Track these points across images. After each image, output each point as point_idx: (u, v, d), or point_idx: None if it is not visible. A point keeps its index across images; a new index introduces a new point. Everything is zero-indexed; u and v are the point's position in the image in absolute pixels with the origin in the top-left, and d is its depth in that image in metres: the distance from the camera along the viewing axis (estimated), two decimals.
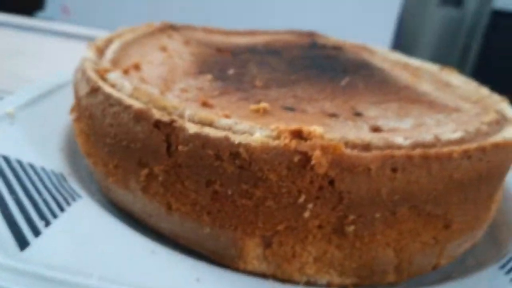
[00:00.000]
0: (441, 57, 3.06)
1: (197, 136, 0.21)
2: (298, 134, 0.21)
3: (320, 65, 0.38)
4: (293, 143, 0.20)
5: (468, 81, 0.39)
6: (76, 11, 1.72)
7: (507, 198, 0.33)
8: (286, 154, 0.20)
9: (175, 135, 0.22)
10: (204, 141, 0.21)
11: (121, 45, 0.37)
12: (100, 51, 0.35)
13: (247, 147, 0.21)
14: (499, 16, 2.82)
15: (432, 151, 0.21)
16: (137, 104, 0.23)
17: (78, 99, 0.30)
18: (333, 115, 0.26)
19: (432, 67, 0.44)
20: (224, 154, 0.21)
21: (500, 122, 0.27)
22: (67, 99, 0.38)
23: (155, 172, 0.23)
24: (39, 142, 0.33)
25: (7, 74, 0.58)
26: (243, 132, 0.22)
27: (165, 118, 0.22)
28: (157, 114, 0.22)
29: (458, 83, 0.38)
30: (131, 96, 0.25)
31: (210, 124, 0.22)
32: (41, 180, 0.28)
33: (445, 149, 0.22)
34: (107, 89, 0.26)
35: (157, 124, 0.22)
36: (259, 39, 0.51)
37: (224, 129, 0.22)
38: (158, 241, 0.24)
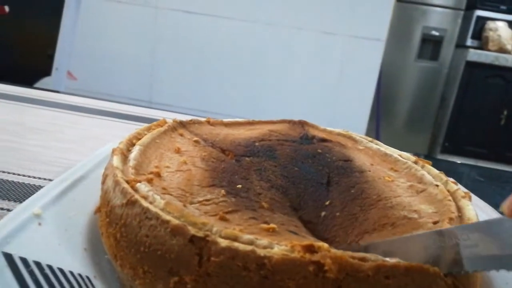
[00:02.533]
0: (421, 106, 3.24)
1: (228, 249, 0.26)
2: (309, 248, 0.25)
3: (309, 173, 0.45)
4: (308, 255, 0.25)
5: (439, 176, 0.45)
6: (80, 75, 1.80)
7: None
8: (302, 264, 0.25)
9: (207, 248, 0.26)
10: (233, 254, 0.26)
11: (140, 149, 0.42)
12: (124, 156, 0.41)
13: (270, 259, 0.25)
14: (473, 67, 3.04)
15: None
16: (173, 220, 0.28)
17: (110, 206, 0.34)
18: None
19: (408, 160, 0.49)
20: (251, 265, 0.25)
21: None
22: (86, 194, 0.43)
23: (185, 280, 0.27)
24: (66, 243, 0.36)
25: (17, 155, 0.61)
26: (264, 247, 0.26)
27: (200, 234, 0.26)
28: (192, 230, 0.27)
29: (429, 179, 0.44)
30: (163, 210, 0.29)
31: (235, 239, 0.27)
32: (71, 286, 0.31)
33: None
34: (144, 203, 0.30)
35: (192, 239, 0.27)
36: (256, 132, 0.57)
37: (248, 243, 0.26)
38: None
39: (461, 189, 0.42)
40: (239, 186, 0.39)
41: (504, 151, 3.15)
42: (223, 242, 0.26)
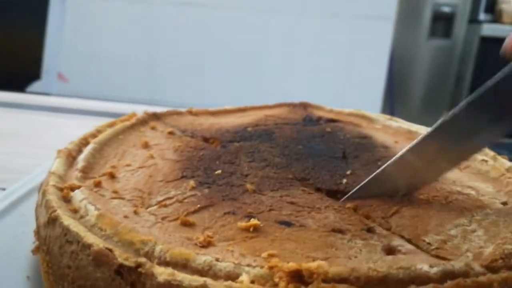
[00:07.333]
0: (436, 87, 3.12)
1: (168, 285, 0.17)
2: (296, 274, 0.16)
3: (318, 150, 0.35)
4: (292, 287, 0.16)
5: (482, 150, 0.35)
6: (71, 77, 1.73)
7: None
8: None
9: (141, 284, 0.17)
10: None
11: (94, 147, 0.34)
12: (72, 158, 0.32)
13: None
14: (487, 42, 2.90)
15: (468, 281, 0.17)
16: (97, 243, 0.19)
17: (37, 227, 0.25)
18: (339, 231, 0.22)
19: None
20: None
21: None
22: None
23: None
24: (7, 269, 0.29)
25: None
26: (227, 274, 0.17)
27: (129, 262, 0.18)
28: (120, 257, 0.18)
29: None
30: (93, 226, 0.21)
31: (185, 264, 0.18)
32: None
33: (482, 278, 0.17)
34: (66, 219, 0.21)
35: (120, 270, 0.18)
36: (249, 118, 0.48)
37: (202, 270, 0.17)
38: None
39: None
40: (218, 172, 0.31)
41: None
42: (162, 274, 0.17)
